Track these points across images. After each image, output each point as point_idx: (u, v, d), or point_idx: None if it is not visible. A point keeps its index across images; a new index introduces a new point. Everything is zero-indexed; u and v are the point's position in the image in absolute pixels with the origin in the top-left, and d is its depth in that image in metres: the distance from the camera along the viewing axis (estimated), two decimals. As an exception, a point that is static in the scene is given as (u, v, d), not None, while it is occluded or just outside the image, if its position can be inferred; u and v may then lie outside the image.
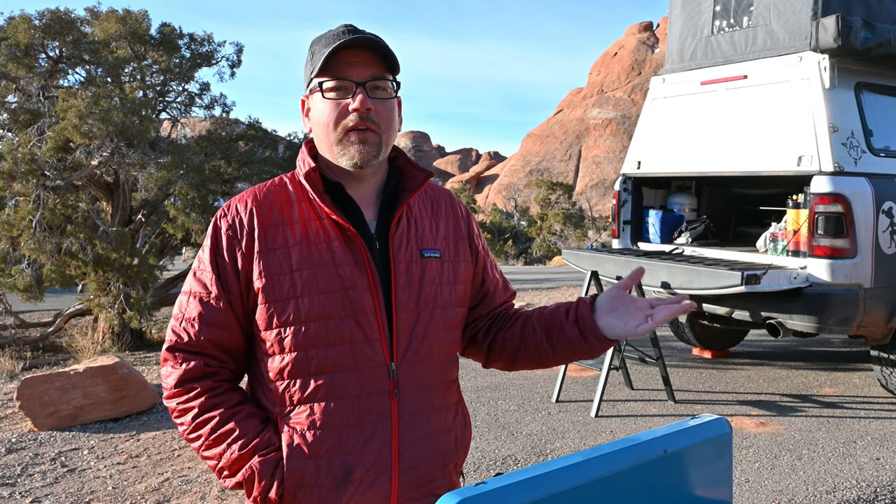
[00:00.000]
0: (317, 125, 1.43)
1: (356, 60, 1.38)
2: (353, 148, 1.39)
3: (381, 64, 1.40)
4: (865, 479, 4.03)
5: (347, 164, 1.41)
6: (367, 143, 1.39)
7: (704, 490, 1.21)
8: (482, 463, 4.30)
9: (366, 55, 1.39)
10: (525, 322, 1.57)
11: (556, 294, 12.43)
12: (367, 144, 1.39)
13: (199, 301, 1.41)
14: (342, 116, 1.39)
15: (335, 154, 1.42)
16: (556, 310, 1.54)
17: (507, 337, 1.58)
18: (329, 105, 1.39)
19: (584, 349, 1.49)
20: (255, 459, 1.36)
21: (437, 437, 1.46)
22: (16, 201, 8.71)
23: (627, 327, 1.42)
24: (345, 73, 1.38)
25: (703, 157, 5.88)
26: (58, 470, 4.31)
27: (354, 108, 1.37)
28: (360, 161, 1.40)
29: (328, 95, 1.39)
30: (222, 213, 1.44)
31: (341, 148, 1.40)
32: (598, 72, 63.39)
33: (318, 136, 1.44)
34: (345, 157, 1.40)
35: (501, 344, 1.59)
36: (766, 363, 6.79)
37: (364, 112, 1.37)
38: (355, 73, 1.38)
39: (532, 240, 31.71)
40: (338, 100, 1.39)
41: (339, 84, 1.39)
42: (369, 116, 1.38)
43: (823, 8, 5.14)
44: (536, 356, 1.56)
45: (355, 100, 1.37)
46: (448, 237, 1.54)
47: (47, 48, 9.34)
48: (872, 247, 4.90)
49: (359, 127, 1.38)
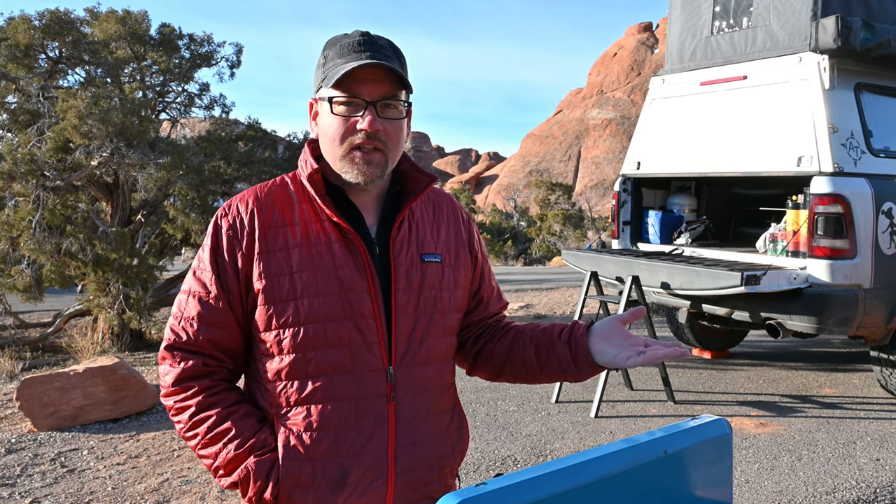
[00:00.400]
0: (323, 136, 1.42)
1: (369, 78, 1.36)
2: (357, 168, 1.38)
3: (393, 82, 1.38)
4: (865, 480, 4.03)
5: (351, 179, 1.40)
6: (371, 164, 1.38)
7: (705, 491, 1.21)
8: (482, 463, 4.30)
9: (380, 72, 1.37)
10: (515, 336, 1.57)
11: (556, 294, 12.43)
12: (371, 165, 1.38)
13: (199, 300, 1.40)
14: (349, 133, 1.38)
15: (339, 168, 1.41)
16: (550, 329, 1.53)
17: (494, 349, 1.58)
18: (337, 120, 1.38)
19: (573, 372, 1.48)
20: (250, 460, 1.36)
21: (433, 440, 1.46)
22: (15, 202, 8.70)
23: (619, 357, 1.40)
24: (356, 91, 1.36)
25: (703, 158, 5.88)
26: (57, 470, 4.31)
27: (363, 128, 1.36)
28: (363, 180, 1.39)
29: (337, 110, 1.38)
30: (223, 213, 1.44)
31: (346, 164, 1.39)
32: (597, 72, 63.41)
33: (324, 146, 1.43)
34: (349, 174, 1.40)
35: (488, 355, 1.59)
36: (765, 364, 6.79)
37: (373, 133, 1.36)
38: (367, 90, 1.36)
39: (531, 240, 31.69)
40: (346, 116, 1.38)
41: (349, 100, 1.37)
42: (377, 136, 1.37)
43: (823, 9, 5.14)
44: (522, 372, 1.55)
45: (364, 120, 1.36)
46: (449, 242, 1.53)
47: (47, 48, 9.34)
48: (872, 247, 4.90)
49: (365, 147, 1.37)
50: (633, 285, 5.36)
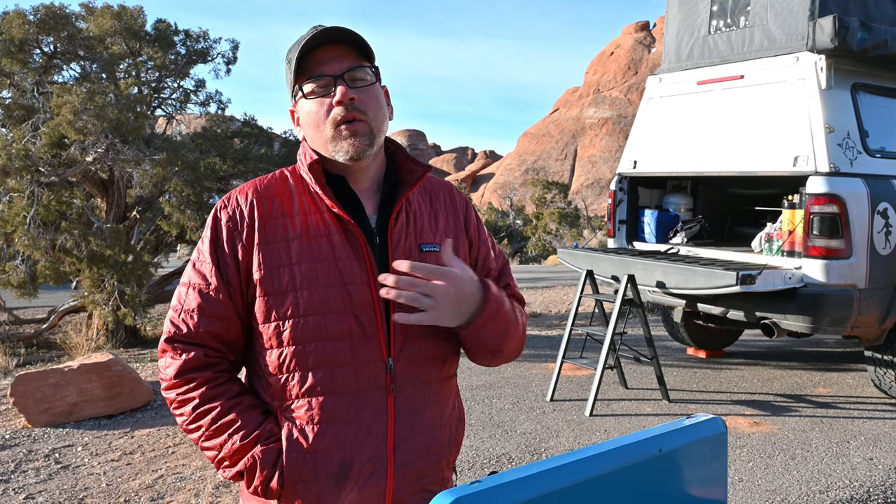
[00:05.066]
0: (308, 128, 1.44)
1: (329, 56, 1.39)
2: (345, 142, 1.39)
3: (354, 54, 1.41)
4: (858, 479, 4.04)
5: (343, 157, 1.41)
6: (357, 135, 1.39)
7: (699, 489, 1.21)
8: (476, 461, 4.30)
9: (338, 49, 1.40)
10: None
11: (552, 293, 12.44)
12: (358, 136, 1.39)
13: (199, 292, 1.40)
14: (328, 112, 1.39)
15: (330, 151, 1.42)
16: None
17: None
18: (314, 104, 1.41)
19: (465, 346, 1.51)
20: (257, 449, 1.36)
21: (432, 433, 1.46)
22: (10, 197, 8.67)
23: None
24: (321, 71, 1.39)
25: (699, 157, 5.88)
26: (52, 467, 4.29)
27: (337, 100, 1.38)
28: (354, 153, 1.40)
29: (310, 96, 1.41)
30: (222, 205, 1.44)
31: (335, 143, 1.40)
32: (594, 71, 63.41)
33: (312, 138, 1.44)
34: (340, 152, 1.41)
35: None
36: (760, 363, 6.80)
37: (347, 102, 1.38)
38: (331, 67, 1.39)
39: (527, 239, 31.70)
40: (321, 97, 1.40)
41: (317, 83, 1.40)
42: (354, 106, 1.39)
43: (820, 8, 5.15)
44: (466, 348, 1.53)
45: (337, 93, 1.38)
46: (448, 231, 1.53)
47: (42, 43, 9.29)
48: (867, 247, 4.91)
49: (346, 119, 1.39)
50: (628, 284, 5.37)
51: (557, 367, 5.67)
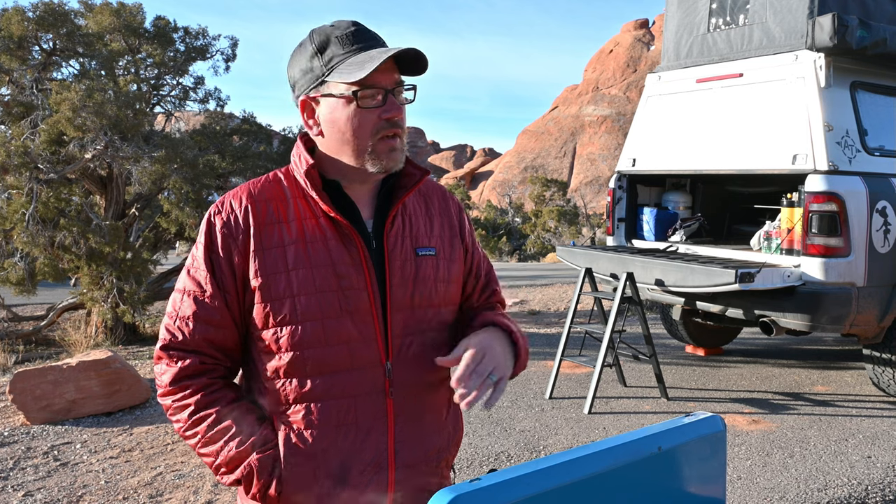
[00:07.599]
0: (341, 132, 1.38)
1: (383, 67, 1.35)
2: (386, 157, 1.38)
3: (399, 70, 1.40)
4: (857, 477, 4.05)
5: (377, 169, 1.39)
6: (396, 150, 1.39)
7: (698, 487, 1.21)
8: (475, 459, 4.30)
9: (390, 62, 1.36)
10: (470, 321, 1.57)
11: (550, 291, 12.45)
12: (397, 151, 1.39)
13: (194, 299, 1.39)
14: (374, 124, 1.37)
15: (363, 160, 1.39)
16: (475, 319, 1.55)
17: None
18: (365, 113, 1.36)
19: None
20: (253, 456, 1.36)
21: (431, 434, 1.46)
22: (9, 194, 8.65)
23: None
24: (375, 81, 1.35)
25: (699, 155, 5.88)
26: (50, 464, 4.30)
27: (390, 115, 1.36)
28: (391, 167, 1.40)
29: (364, 104, 1.36)
30: (216, 210, 1.42)
31: (374, 156, 1.38)
32: (593, 69, 63.37)
33: (343, 141, 1.39)
34: (376, 165, 1.39)
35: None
36: (758, 361, 6.81)
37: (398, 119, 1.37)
38: (384, 79, 1.36)
39: (526, 236, 31.71)
40: (367, 108, 1.36)
41: (373, 92, 1.36)
42: (397, 122, 1.38)
43: (820, 7, 5.15)
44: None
45: (390, 109, 1.36)
46: (443, 235, 1.52)
47: (41, 40, 9.28)
48: (866, 246, 4.92)
49: (390, 135, 1.38)
50: (627, 282, 5.37)
51: (556, 365, 5.68)
